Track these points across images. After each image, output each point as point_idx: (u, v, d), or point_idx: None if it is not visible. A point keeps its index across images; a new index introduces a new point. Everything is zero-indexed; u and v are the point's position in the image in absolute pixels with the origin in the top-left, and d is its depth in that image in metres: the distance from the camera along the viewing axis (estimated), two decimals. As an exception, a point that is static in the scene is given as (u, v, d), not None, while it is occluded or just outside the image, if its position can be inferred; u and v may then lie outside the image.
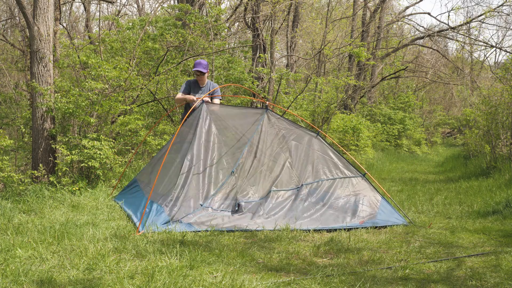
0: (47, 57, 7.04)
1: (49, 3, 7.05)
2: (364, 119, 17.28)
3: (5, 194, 6.26)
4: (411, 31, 24.21)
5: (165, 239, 4.78)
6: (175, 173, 5.79)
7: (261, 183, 6.04)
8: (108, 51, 10.26)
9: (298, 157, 6.32)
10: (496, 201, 7.28)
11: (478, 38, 29.11)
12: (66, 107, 7.00)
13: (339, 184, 6.20)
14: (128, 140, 8.43)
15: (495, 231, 5.69)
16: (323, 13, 19.64)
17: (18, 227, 4.88)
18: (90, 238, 4.60)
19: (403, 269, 4.14)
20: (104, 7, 20.66)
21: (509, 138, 10.68)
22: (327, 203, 5.96)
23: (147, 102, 9.81)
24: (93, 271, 3.72)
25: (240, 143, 6.27)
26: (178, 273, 3.70)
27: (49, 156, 7.05)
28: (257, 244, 4.82)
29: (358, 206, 5.97)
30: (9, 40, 15.25)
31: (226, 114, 6.54)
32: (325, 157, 6.36)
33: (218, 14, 11.63)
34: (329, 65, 20.33)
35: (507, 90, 10.88)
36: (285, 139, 6.42)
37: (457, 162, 14.26)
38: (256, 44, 11.85)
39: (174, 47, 10.05)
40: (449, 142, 26.80)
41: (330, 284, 3.73)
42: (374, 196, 6.16)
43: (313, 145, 6.42)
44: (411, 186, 10.03)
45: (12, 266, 3.71)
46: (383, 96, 23.95)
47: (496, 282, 3.86)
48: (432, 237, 5.43)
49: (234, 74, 10.40)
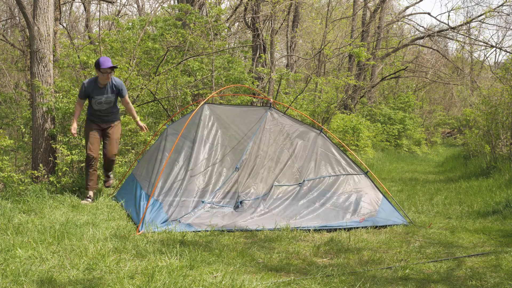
0: (47, 57, 7.04)
1: (49, 3, 7.05)
2: (364, 119, 17.30)
3: (5, 194, 6.26)
4: (411, 31, 24.22)
5: (165, 239, 4.78)
6: (176, 172, 5.82)
7: (264, 179, 6.05)
8: (108, 51, 10.25)
9: (301, 153, 6.36)
10: (496, 201, 7.28)
11: (478, 38, 29.07)
12: (66, 107, 7.00)
13: (341, 181, 6.22)
14: (128, 140, 8.42)
15: (495, 231, 5.69)
16: (323, 13, 19.64)
17: (18, 227, 4.88)
18: (90, 238, 4.60)
19: (403, 269, 4.14)
20: (104, 7, 20.67)
21: (509, 138, 10.68)
22: (328, 200, 5.97)
23: (147, 102, 9.81)
24: (93, 271, 3.72)
25: (243, 141, 6.28)
26: (178, 273, 3.70)
27: (49, 156, 7.05)
28: (257, 244, 4.82)
29: (359, 203, 5.98)
30: (9, 40, 15.26)
31: (229, 113, 6.55)
32: (328, 154, 6.39)
33: (218, 14, 11.63)
34: (329, 65, 20.34)
35: (507, 90, 10.88)
36: (288, 136, 6.45)
37: (457, 162, 14.26)
38: (256, 44, 11.86)
39: (174, 47, 10.05)
40: (449, 142, 26.80)
41: (330, 284, 3.73)
42: (375, 194, 6.17)
43: (316, 142, 6.46)
44: (411, 186, 10.03)
45: (12, 266, 3.71)
46: (383, 96, 23.95)
47: (496, 282, 3.86)
48: (432, 237, 5.43)
49: (234, 74, 10.39)
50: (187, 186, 5.70)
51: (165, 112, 10.14)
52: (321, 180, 6.16)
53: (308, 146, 6.41)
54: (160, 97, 9.80)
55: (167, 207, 5.43)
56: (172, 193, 5.61)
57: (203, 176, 5.86)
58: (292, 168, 6.23)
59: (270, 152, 6.25)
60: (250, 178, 6.00)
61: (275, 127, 6.40)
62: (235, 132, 6.38)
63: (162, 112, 10.38)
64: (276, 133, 6.39)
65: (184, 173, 5.80)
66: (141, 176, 6.50)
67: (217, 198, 5.75)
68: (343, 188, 6.15)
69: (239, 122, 6.44)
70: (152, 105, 10.15)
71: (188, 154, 5.95)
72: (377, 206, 6.01)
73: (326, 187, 6.15)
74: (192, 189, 5.71)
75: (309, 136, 6.51)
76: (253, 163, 6.12)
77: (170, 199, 5.53)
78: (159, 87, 9.66)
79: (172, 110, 9.97)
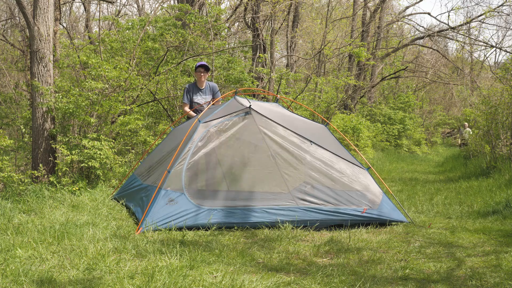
0: (47, 57, 7.04)
1: (49, 3, 7.05)
2: (364, 119, 17.29)
3: (5, 194, 6.26)
4: (411, 31, 24.24)
5: (165, 239, 4.78)
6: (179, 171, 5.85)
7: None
8: (108, 51, 10.26)
9: (318, 140, 6.42)
10: (496, 201, 7.28)
11: (478, 38, 29.08)
12: (66, 107, 7.00)
13: (346, 165, 6.27)
14: (128, 140, 8.43)
15: (495, 231, 5.69)
16: (323, 13, 19.65)
17: (18, 227, 4.88)
18: (90, 238, 4.60)
19: (403, 269, 4.14)
20: (104, 7, 20.68)
21: (509, 138, 10.68)
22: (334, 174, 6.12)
23: (147, 102, 9.81)
24: (93, 271, 3.72)
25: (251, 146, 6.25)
26: (178, 273, 3.70)
27: (49, 156, 7.05)
28: (257, 244, 4.82)
29: (364, 194, 6.00)
30: (9, 40, 15.26)
31: (229, 125, 6.22)
32: (336, 143, 6.54)
33: (218, 14, 11.64)
34: (329, 65, 20.35)
35: (507, 90, 10.89)
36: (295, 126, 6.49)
37: (457, 162, 14.26)
38: (256, 44, 11.87)
39: (174, 47, 10.05)
40: (449, 142, 26.81)
41: (330, 284, 3.73)
42: (377, 190, 6.19)
43: (323, 133, 6.62)
44: (411, 186, 10.03)
45: (12, 266, 3.71)
46: (383, 96, 23.96)
47: (496, 282, 3.85)
48: (432, 237, 5.43)
49: (234, 74, 10.40)
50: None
51: (165, 112, 10.14)
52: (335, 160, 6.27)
53: (316, 135, 6.50)
54: (160, 97, 9.81)
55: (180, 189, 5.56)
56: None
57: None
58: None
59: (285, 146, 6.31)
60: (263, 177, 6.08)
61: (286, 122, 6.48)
62: (242, 142, 6.34)
63: (162, 112, 10.38)
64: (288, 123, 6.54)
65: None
66: (143, 175, 6.52)
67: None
68: (348, 170, 6.18)
69: (246, 132, 6.45)
70: (152, 105, 10.15)
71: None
72: (378, 201, 6.03)
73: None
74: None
75: (316, 127, 6.69)
76: (264, 164, 6.18)
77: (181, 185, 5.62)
78: (159, 87, 9.67)
79: (172, 110, 9.97)
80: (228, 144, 6.13)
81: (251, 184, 5.92)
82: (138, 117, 8.29)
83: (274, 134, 6.07)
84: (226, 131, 6.03)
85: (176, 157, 5.74)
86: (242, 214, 5.54)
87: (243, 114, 6.05)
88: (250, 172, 6.02)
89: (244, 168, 6.05)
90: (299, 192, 5.78)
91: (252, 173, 6.02)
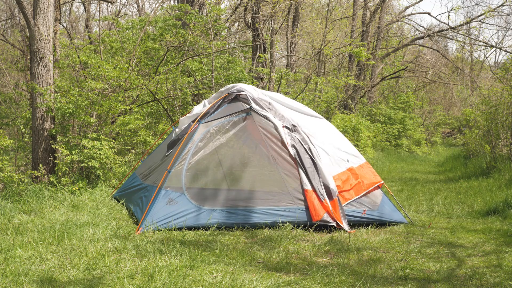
0: (47, 57, 7.03)
1: (49, 3, 7.05)
2: (364, 119, 17.28)
3: (5, 194, 6.26)
4: (411, 31, 24.21)
5: (165, 239, 4.78)
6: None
7: None
8: (108, 51, 10.26)
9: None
10: (496, 201, 7.27)
11: (478, 38, 29.04)
12: (66, 107, 6.99)
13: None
14: (128, 140, 8.42)
15: (495, 231, 5.69)
16: (323, 13, 19.65)
17: (18, 227, 4.88)
18: (90, 238, 4.59)
19: (403, 269, 4.14)
20: (104, 7, 20.67)
21: (509, 138, 10.67)
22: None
23: (147, 102, 9.81)
24: (93, 271, 3.72)
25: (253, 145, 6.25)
26: (178, 273, 3.70)
27: (49, 156, 7.04)
28: (257, 244, 4.82)
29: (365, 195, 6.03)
30: (9, 40, 15.25)
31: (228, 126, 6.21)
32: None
33: (218, 14, 11.63)
34: (329, 65, 20.35)
35: (507, 90, 10.88)
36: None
37: (457, 162, 14.24)
38: (256, 44, 11.87)
39: (174, 47, 10.04)
40: (449, 142, 26.80)
41: (330, 284, 3.73)
42: (377, 191, 6.18)
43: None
44: (411, 186, 10.03)
45: (12, 266, 3.71)
46: (383, 96, 23.95)
47: (497, 282, 3.85)
48: (432, 237, 5.43)
49: (234, 74, 10.40)
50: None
51: (165, 112, 10.14)
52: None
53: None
54: (160, 97, 9.80)
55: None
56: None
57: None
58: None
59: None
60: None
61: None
62: (243, 142, 6.35)
63: (162, 112, 10.38)
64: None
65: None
66: (143, 175, 6.52)
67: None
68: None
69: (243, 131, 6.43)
70: (152, 105, 10.14)
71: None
72: (378, 202, 6.04)
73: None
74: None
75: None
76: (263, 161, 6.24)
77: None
78: (159, 87, 9.67)
79: (172, 110, 9.97)
80: (228, 145, 6.13)
81: (251, 184, 5.91)
82: (138, 117, 8.29)
83: (273, 136, 6.08)
84: (227, 131, 6.02)
85: (176, 157, 5.74)
86: (242, 214, 5.53)
87: (243, 114, 6.04)
88: (250, 172, 6.01)
89: (244, 169, 6.05)
90: (299, 193, 5.78)
91: (252, 173, 6.01)
